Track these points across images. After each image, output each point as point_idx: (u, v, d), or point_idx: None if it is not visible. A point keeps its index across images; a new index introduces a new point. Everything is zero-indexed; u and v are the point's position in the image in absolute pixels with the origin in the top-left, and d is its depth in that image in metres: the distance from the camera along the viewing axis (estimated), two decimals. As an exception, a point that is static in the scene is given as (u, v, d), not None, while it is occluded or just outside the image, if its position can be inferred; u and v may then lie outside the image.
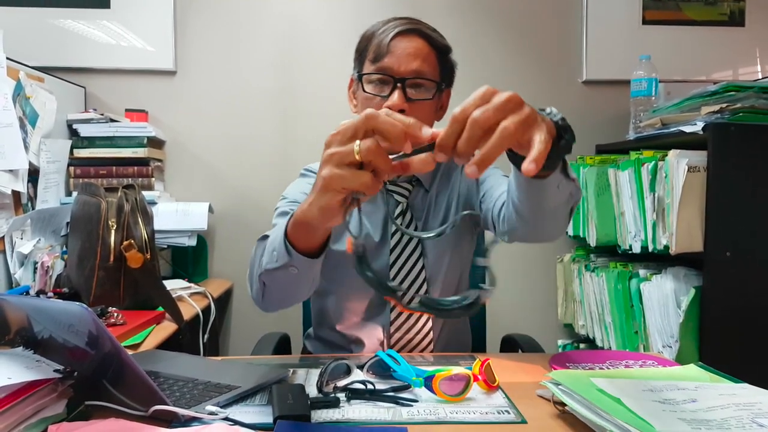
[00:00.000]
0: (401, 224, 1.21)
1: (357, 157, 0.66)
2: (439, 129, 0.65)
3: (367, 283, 0.71)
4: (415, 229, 1.21)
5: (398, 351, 1.20)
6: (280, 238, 0.87)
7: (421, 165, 0.67)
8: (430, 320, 1.23)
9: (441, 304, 0.70)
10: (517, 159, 0.74)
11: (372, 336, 1.23)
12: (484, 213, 1.18)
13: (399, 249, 1.20)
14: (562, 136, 0.74)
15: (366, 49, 1.15)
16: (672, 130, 1.63)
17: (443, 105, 1.22)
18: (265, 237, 0.99)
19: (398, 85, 1.09)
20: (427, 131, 0.65)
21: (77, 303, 0.71)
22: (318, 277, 0.97)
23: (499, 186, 1.15)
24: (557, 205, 0.91)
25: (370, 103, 1.12)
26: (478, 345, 1.53)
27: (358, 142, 0.66)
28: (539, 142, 0.64)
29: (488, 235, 1.18)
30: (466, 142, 0.62)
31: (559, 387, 0.78)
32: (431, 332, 1.23)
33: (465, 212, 1.21)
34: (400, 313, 1.21)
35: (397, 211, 1.21)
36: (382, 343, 1.23)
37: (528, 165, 0.62)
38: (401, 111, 1.07)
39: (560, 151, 0.75)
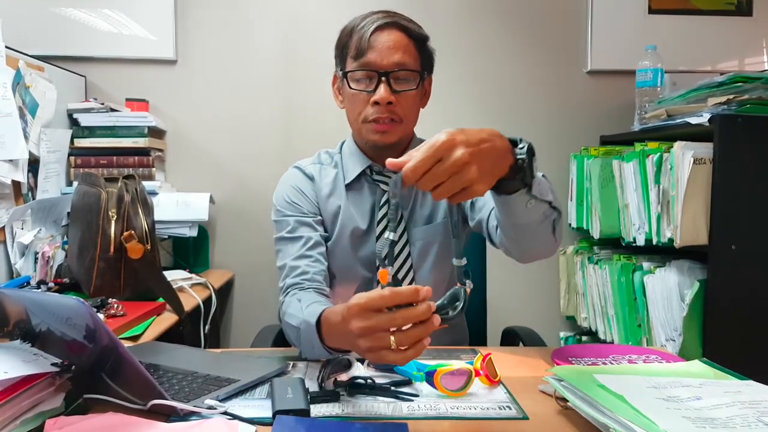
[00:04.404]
0: (386, 213, 1.21)
1: (393, 346, 0.73)
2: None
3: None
4: (401, 218, 1.23)
5: None
6: (318, 346, 0.92)
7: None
8: None
9: (443, 313, 0.78)
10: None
11: None
12: (478, 220, 1.19)
13: (385, 237, 1.21)
14: (520, 170, 0.84)
15: (347, 46, 1.17)
16: (677, 121, 1.61)
17: (426, 92, 1.25)
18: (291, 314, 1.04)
19: (383, 78, 1.13)
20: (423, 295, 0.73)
21: (74, 297, 0.71)
22: None
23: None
24: (529, 222, 0.96)
25: (358, 99, 1.16)
26: (479, 338, 1.52)
27: (393, 339, 0.72)
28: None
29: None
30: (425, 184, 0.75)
31: (562, 383, 0.77)
32: None
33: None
34: None
35: (383, 200, 1.22)
36: None
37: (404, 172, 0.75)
38: (389, 103, 1.13)
39: (512, 185, 0.86)
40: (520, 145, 0.85)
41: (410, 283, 1.23)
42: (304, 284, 1.13)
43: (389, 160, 0.77)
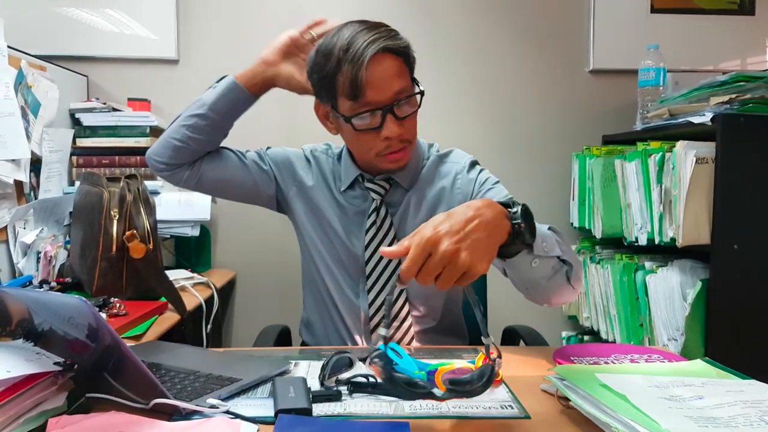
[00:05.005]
0: (375, 220, 1.21)
1: None
2: None
3: (400, 394, 0.76)
4: (391, 224, 1.21)
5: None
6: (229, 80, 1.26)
7: None
8: (410, 316, 1.23)
9: (465, 387, 0.75)
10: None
11: (354, 323, 1.25)
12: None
13: (374, 245, 1.21)
14: (518, 234, 0.84)
15: (334, 81, 1.07)
16: (680, 120, 1.61)
17: None
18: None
19: (387, 114, 1.07)
20: None
21: (76, 296, 0.71)
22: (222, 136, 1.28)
23: None
24: (538, 278, 0.96)
25: (365, 136, 1.11)
26: (479, 337, 1.52)
27: None
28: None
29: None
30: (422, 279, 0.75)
31: (564, 382, 0.77)
32: (411, 328, 1.23)
33: None
34: (376, 297, 1.22)
35: (372, 207, 1.22)
36: (360, 329, 1.24)
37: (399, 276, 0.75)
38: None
39: (512, 249, 0.85)
40: (513, 210, 0.84)
41: (400, 293, 1.23)
42: None
43: (383, 250, 0.78)
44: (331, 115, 1.16)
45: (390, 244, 1.20)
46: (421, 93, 1.13)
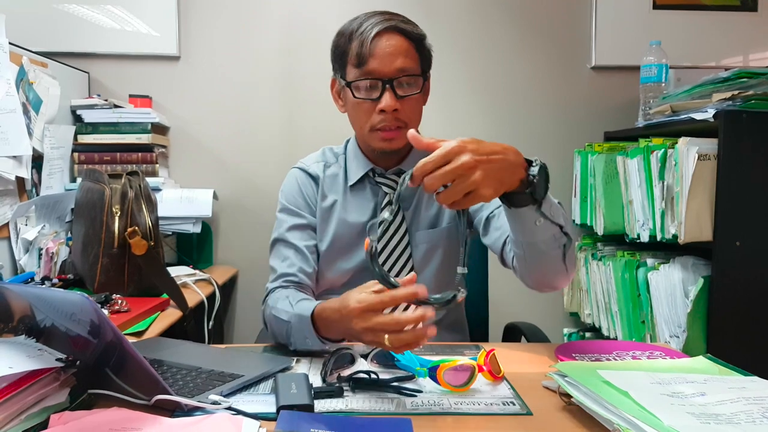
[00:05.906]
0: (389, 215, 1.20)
1: (387, 344, 0.82)
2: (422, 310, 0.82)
3: (375, 277, 0.82)
4: (403, 219, 1.22)
5: None
6: (312, 337, 0.99)
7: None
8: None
9: (429, 301, 0.83)
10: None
11: None
12: (494, 240, 1.18)
13: (386, 238, 1.21)
14: (530, 185, 0.87)
15: (346, 53, 1.15)
16: (682, 117, 1.61)
17: (426, 91, 1.22)
18: (274, 290, 1.17)
19: (387, 86, 1.12)
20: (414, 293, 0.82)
21: (78, 292, 0.71)
22: None
23: (501, 214, 1.16)
24: (538, 242, 0.97)
25: (362, 107, 1.15)
26: (480, 333, 1.52)
27: (387, 336, 0.82)
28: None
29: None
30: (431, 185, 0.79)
31: (566, 379, 0.77)
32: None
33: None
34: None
35: (385, 201, 1.22)
36: None
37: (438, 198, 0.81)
38: (394, 110, 1.12)
39: (522, 198, 0.89)
40: (534, 164, 0.88)
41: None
42: (290, 286, 1.17)
43: (411, 133, 0.83)
44: (338, 85, 1.21)
45: (401, 239, 1.21)
46: (425, 77, 1.17)
